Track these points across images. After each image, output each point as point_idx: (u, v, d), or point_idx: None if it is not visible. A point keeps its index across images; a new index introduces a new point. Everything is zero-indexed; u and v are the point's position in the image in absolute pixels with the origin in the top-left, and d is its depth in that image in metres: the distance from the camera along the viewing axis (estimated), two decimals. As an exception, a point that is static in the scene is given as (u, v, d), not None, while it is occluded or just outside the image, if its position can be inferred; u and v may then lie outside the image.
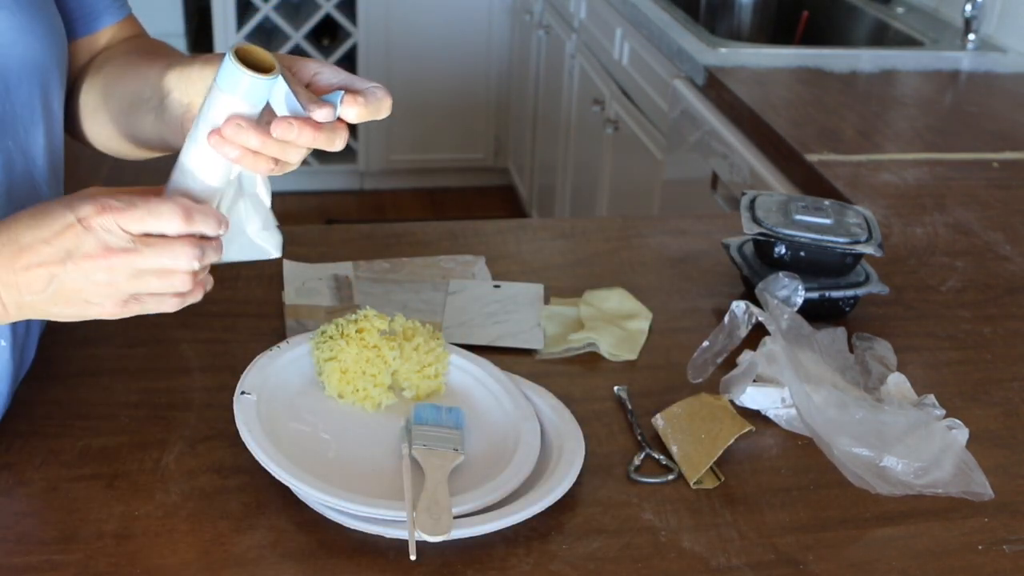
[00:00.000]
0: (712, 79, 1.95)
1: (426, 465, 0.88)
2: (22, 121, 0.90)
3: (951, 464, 0.93)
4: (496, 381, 1.00)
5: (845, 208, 1.22)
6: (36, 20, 0.90)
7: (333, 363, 0.96)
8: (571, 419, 0.97)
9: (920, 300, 1.23)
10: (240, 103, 0.76)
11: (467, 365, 1.02)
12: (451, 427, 0.93)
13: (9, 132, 0.88)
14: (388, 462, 0.90)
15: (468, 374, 1.01)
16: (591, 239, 1.35)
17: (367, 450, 0.92)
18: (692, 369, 1.03)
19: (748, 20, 2.79)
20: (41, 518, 0.83)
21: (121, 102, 0.96)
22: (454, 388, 1.01)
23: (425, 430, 0.92)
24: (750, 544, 0.86)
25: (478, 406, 0.98)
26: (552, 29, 3.23)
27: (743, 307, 1.02)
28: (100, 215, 0.75)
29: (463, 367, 1.02)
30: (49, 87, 0.93)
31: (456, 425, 0.93)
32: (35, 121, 0.91)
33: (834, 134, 1.70)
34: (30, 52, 0.89)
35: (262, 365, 0.96)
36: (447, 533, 0.81)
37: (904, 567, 0.85)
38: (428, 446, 0.90)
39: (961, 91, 2.04)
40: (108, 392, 1.00)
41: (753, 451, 0.97)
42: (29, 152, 0.91)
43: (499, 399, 0.99)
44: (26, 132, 0.91)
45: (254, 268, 1.22)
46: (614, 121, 2.61)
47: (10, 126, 0.89)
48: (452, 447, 0.90)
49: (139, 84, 0.93)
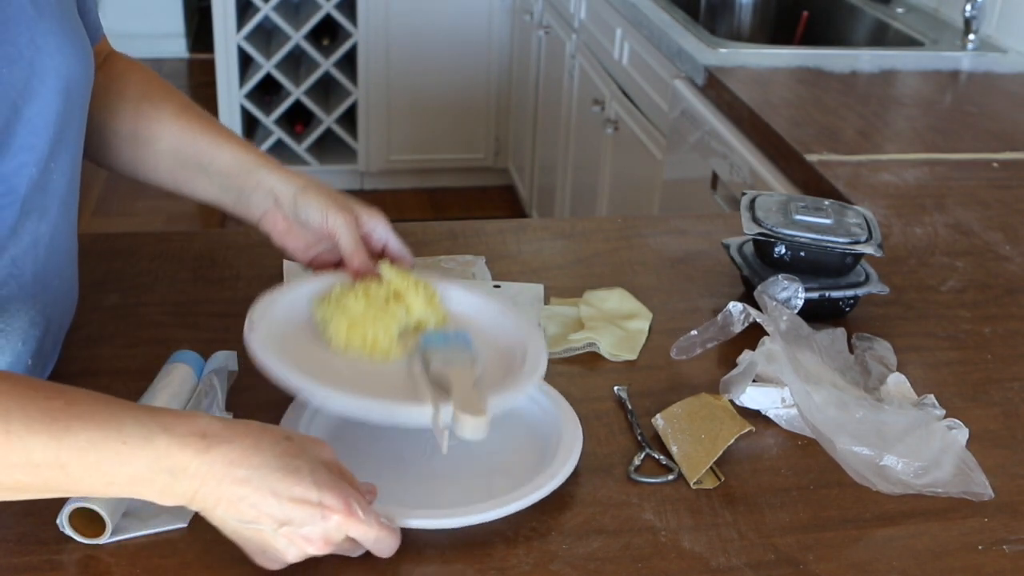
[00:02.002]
0: (712, 79, 1.95)
1: (450, 375, 0.89)
2: (66, 143, 0.92)
3: (951, 464, 0.93)
4: (494, 302, 1.05)
5: (845, 208, 1.22)
6: (75, 41, 0.92)
7: (340, 316, 0.97)
8: (570, 410, 0.97)
9: (920, 300, 1.23)
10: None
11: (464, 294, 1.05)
12: (461, 346, 0.95)
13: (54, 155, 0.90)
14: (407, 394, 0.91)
15: (465, 303, 1.04)
16: (591, 239, 1.35)
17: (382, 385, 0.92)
18: (677, 348, 1.05)
19: (748, 20, 2.79)
20: (41, 518, 0.83)
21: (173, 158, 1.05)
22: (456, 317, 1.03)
23: (438, 352, 0.93)
24: (750, 544, 0.86)
25: (483, 328, 1.01)
26: (552, 29, 3.23)
27: (740, 307, 1.02)
28: (344, 518, 0.76)
29: (460, 297, 1.04)
30: (84, 108, 0.96)
31: (466, 345, 0.95)
32: (74, 141, 0.94)
33: (834, 134, 1.70)
34: (72, 73, 0.91)
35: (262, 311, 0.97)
36: (485, 414, 0.83)
37: (904, 567, 0.85)
38: (446, 362, 0.91)
39: (961, 91, 2.04)
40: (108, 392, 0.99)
41: (753, 451, 0.97)
42: (68, 172, 0.94)
43: (502, 318, 1.02)
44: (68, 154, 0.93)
45: (254, 268, 1.22)
46: (614, 121, 2.61)
47: (56, 148, 0.90)
48: (470, 360, 0.92)
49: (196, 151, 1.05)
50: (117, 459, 0.73)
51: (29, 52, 0.85)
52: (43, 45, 0.87)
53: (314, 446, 0.80)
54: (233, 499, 0.75)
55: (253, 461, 0.75)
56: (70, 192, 0.95)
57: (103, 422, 0.73)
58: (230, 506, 0.75)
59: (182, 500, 0.75)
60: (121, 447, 0.73)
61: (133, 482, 0.74)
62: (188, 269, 1.22)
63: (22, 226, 0.88)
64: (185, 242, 1.28)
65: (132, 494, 0.76)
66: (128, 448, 0.73)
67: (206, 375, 0.98)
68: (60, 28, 0.89)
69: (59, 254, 0.95)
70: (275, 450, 0.76)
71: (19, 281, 0.89)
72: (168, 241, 1.28)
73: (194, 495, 0.75)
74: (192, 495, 0.75)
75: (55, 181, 0.91)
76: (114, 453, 0.73)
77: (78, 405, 0.74)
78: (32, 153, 0.87)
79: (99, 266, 1.20)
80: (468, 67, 3.81)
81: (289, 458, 0.76)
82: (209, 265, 1.23)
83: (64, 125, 0.90)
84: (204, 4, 4.97)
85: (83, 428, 0.73)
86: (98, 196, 3.76)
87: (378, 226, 1.06)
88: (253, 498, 0.75)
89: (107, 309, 1.13)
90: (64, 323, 1.00)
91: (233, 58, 3.75)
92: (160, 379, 0.96)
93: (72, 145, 0.93)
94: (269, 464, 0.75)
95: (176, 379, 0.96)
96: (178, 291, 1.18)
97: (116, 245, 1.26)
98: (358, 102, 3.82)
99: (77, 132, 0.94)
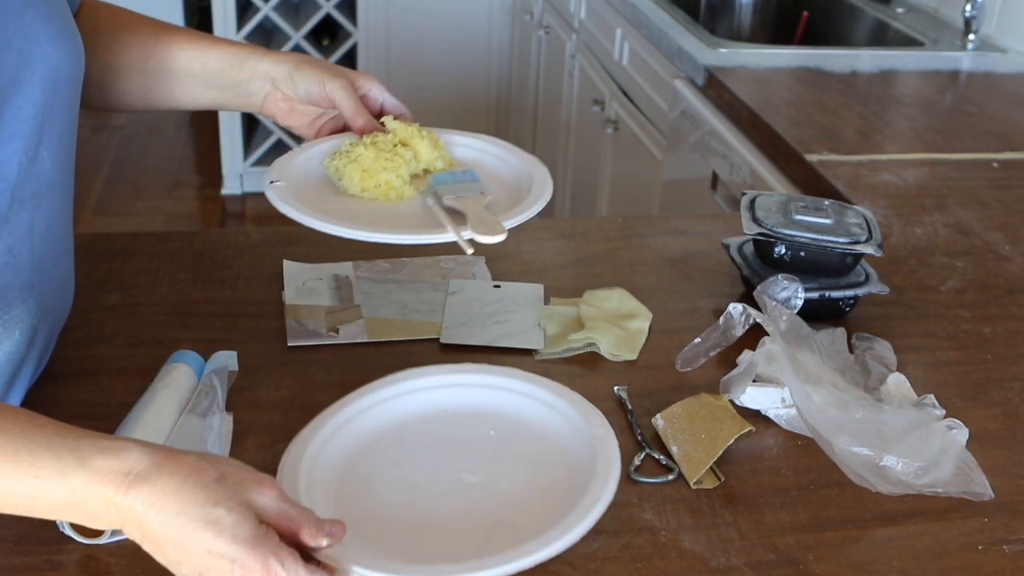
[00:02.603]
0: (712, 79, 1.95)
1: (463, 205, 0.99)
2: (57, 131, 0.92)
3: (951, 464, 0.93)
4: (497, 146, 1.14)
5: (845, 208, 1.22)
6: (65, 29, 0.93)
7: (353, 164, 1.04)
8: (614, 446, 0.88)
9: (920, 300, 1.23)
10: None
11: (467, 139, 1.16)
12: (470, 182, 1.04)
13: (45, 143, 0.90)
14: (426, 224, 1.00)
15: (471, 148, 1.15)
16: (591, 239, 1.35)
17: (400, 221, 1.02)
18: (681, 359, 1.04)
19: (748, 20, 2.79)
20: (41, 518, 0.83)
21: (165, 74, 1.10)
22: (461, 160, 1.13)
23: (448, 187, 1.03)
24: (750, 544, 0.86)
25: (488, 168, 1.10)
26: (552, 29, 3.23)
27: (740, 308, 1.02)
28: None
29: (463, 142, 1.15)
30: (75, 96, 0.96)
31: (473, 180, 1.04)
32: (67, 129, 0.94)
33: (834, 134, 1.69)
34: (62, 61, 0.91)
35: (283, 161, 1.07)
36: (503, 232, 0.94)
37: (904, 567, 0.85)
38: (457, 195, 1.01)
39: (961, 91, 2.04)
40: (108, 392, 1.00)
41: (753, 451, 0.97)
42: (61, 161, 0.94)
43: (505, 159, 1.12)
44: (59, 143, 0.93)
45: (254, 268, 1.22)
46: (614, 121, 2.61)
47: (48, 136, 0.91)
48: (479, 192, 1.02)
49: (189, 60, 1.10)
50: (30, 492, 0.71)
51: (18, 41, 0.86)
52: (31, 33, 0.87)
53: (251, 488, 0.72)
54: (156, 540, 0.71)
55: (173, 507, 0.70)
56: (63, 181, 0.95)
57: (15, 453, 0.70)
58: (154, 546, 0.71)
59: (112, 527, 0.72)
60: (34, 481, 0.70)
61: (52, 511, 0.72)
62: (188, 269, 1.22)
63: (16, 214, 0.88)
64: (185, 242, 1.28)
65: (59, 519, 0.74)
66: (40, 482, 0.70)
67: (206, 375, 0.98)
68: (49, 17, 0.90)
69: (55, 244, 0.95)
70: (198, 496, 0.70)
71: (15, 269, 0.89)
72: (168, 241, 1.28)
73: (122, 525, 0.72)
74: (120, 525, 0.71)
75: (47, 170, 0.91)
76: (26, 487, 0.71)
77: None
78: (22, 141, 0.87)
79: (99, 266, 1.20)
80: (468, 67, 3.81)
81: (211, 506, 0.70)
82: (209, 265, 1.23)
83: (54, 113, 0.91)
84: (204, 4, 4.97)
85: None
86: (98, 196, 3.76)
87: (373, 87, 1.12)
88: (172, 543, 0.70)
89: (107, 309, 1.13)
90: (61, 315, 1.01)
91: (233, 58, 3.74)
92: (160, 379, 0.96)
93: (64, 133, 0.94)
94: (188, 512, 0.70)
95: (176, 379, 0.96)
96: (178, 291, 1.18)
97: (116, 245, 1.26)
98: (358, 102, 3.81)
99: (68, 121, 0.95)
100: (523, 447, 0.91)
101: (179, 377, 0.96)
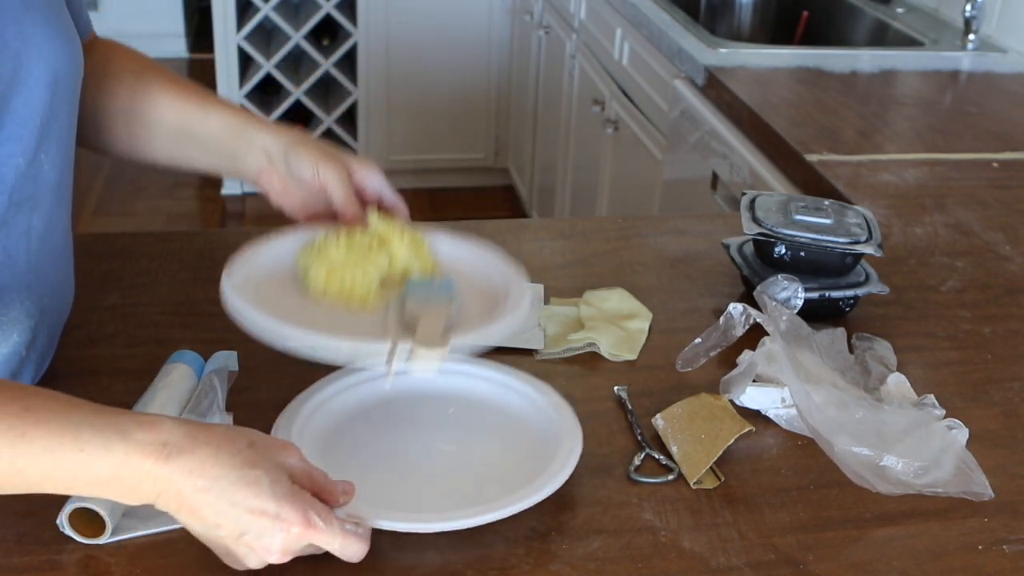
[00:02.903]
0: (712, 79, 1.95)
1: (421, 315, 0.89)
2: (55, 134, 0.92)
3: (951, 464, 0.93)
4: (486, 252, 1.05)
5: (845, 208, 1.22)
6: (63, 34, 0.93)
7: (320, 261, 0.97)
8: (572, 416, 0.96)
9: (920, 300, 1.23)
10: None
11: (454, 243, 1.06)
12: (443, 291, 0.96)
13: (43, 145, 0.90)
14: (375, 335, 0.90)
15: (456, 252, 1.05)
16: (591, 239, 1.35)
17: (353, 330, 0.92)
18: (682, 360, 1.04)
19: (748, 20, 2.79)
20: (41, 518, 0.83)
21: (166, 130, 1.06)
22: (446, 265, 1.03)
23: (417, 296, 0.94)
24: (750, 544, 0.86)
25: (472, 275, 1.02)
26: (552, 29, 3.23)
27: (740, 308, 1.02)
28: (303, 530, 0.75)
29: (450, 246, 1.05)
30: (74, 100, 0.96)
31: (447, 290, 0.96)
32: (65, 133, 0.94)
33: (834, 134, 1.69)
34: (60, 65, 0.91)
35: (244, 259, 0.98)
36: (445, 346, 0.83)
37: (904, 567, 0.85)
38: (421, 304, 0.92)
39: (961, 91, 2.04)
40: (108, 392, 1.00)
41: (753, 451, 0.97)
42: (59, 164, 0.93)
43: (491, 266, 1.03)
44: (57, 146, 0.93)
45: (254, 268, 1.22)
46: (614, 121, 2.61)
47: (45, 139, 0.90)
48: (445, 302, 0.93)
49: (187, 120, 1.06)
50: (75, 466, 0.73)
51: (16, 43, 0.86)
52: (30, 36, 0.87)
53: (279, 452, 0.78)
54: (194, 507, 0.74)
55: (212, 472, 0.74)
56: (62, 184, 0.95)
57: (59, 429, 0.73)
58: (191, 513, 0.75)
59: (147, 501, 0.75)
60: (79, 455, 0.73)
61: (92, 486, 0.75)
62: (188, 269, 1.22)
63: (13, 217, 0.88)
64: (185, 242, 1.28)
65: (95, 495, 0.76)
66: (86, 456, 0.73)
67: (206, 375, 0.98)
68: (48, 19, 0.90)
69: (53, 246, 0.95)
70: (234, 460, 0.75)
71: (12, 271, 0.89)
72: (168, 241, 1.28)
73: (157, 498, 0.75)
74: (155, 498, 0.75)
75: (45, 172, 0.91)
76: (71, 461, 0.73)
77: (36, 411, 0.73)
78: (19, 144, 0.87)
79: (99, 266, 1.20)
80: (468, 67, 3.81)
81: (248, 468, 0.75)
82: (209, 265, 1.23)
83: (52, 116, 0.90)
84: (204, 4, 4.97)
85: (39, 435, 0.72)
86: (98, 196, 3.76)
87: (370, 175, 1.06)
88: (212, 508, 0.74)
89: (107, 309, 1.13)
90: (61, 317, 1.01)
91: (233, 58, 3.75)
92: (160, 379, 0.96)
93: (62, 137, 0.93)
94: (227, 476, 0.74)
95: (176, 379, 0.96)
96: (178, 291, 1.18)
97: (116, 245, 1.26)
98: (358, 102, 3.82)
99: (67, 124, 0.94)
100: (486, 421, 0.97)
101: (179, 377, 0.96)
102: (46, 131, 0.90)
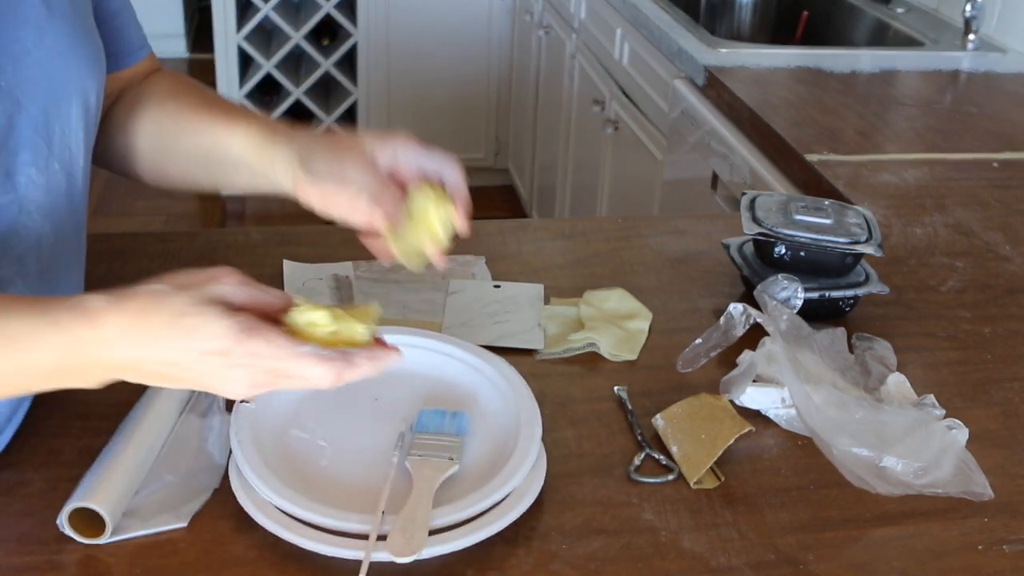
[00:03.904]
0: (712, 79, 1.95)
1: (416, 476, 0.86)
2: (69, 144, 0.91)
3: (951, 464, 0.93)
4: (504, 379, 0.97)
5: (845, 208, 1.22)
6: (86, 45, 0.92)
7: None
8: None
9: (920, 300, 1.23)
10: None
11: (476, 361, 1.00)
12: (453, 434, 0.91)
13: (57, 154, 0.90)
14: (381, 471, 0.88)
15: (477, 371, 0.99)
16: (591, 239, 1.35)
17: (362, 457, 0.90)
18: (682, 360, 1.04)
19: (748, 20, 2.79)
20: (41, 518, 0.83)
21: (195, 155, 1.00)
22: (462, 386, 0.98)
23: (424, 438, 0.91)
24: (750, 544, 0.86)
25: (483, 405, 0.96)
26: (552, 29, 3.23)
27: (740, 308, 1.02)
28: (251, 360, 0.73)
29: (474, 364, 0.99)
30: (91, 111, 0.94)
31: (458, 431, 0.92)
32: (79, 143, 0.93)
33: (834, 134, 1.70)
34: (79, 75, 0.91)
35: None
36: (417, 553, 0.79)
37: (904, 567, 0.85)
38: (423, 456, 0.89)
39: (961, 91, 2.04)
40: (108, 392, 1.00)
41: (753, 451, 0.97)
42: (73, 173, 0.93)
43: (504, 399, 0.96)
44: (71, 155, 0.92)
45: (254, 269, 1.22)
46: (614, 121, 2.61)
47: (60, 147, 0.90)
48: (448, 456, 0.88)
49: (213, 141, 0.98)
50: (16, 369, 0.74)
51: (38, 52, 0.86)
52: (52, 45, 0.87)
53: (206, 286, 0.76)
54: (150, 371, 0.74)
55: (150, 334, 0.73)
56: (76, 194, 0.94)
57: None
58: (153, 376, 0.75)
59: (105, 380, 0.76)
60: (16, 355, 0.73)
61: (48, 382, 0.75)
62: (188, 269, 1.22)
63: (24, 225, 0.88)
64: (185, 242, 1.28)
65: (54, 387, 0.76)
66: (23, 355, 0.73)
67: None
68: (71, 29, 0.89)
69: (66, 255, 0.94)
70: (162, 316, 0.73)
71: (25, 280, 0.89)
72: (168, 241, 1.28)
73: (115, 372, 0.75)
74: (113, 373, 0.75)
75: (58, 181, 0.90)
76: (11, 364, 0.73)
77: None
78: (32, 151, 0.87)
79: (99, 266, 1.20)
80: (468, 67, 3.81)
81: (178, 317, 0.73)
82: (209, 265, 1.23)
83: (68, 125, 0.90)
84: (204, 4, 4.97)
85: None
86: (98, 196, 3.76)
87: (400, 150, 0.96)
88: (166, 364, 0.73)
89: (107, 309, 1.13)
90: None
91: (233, 58, 3.75)
92: None
93: (77, 145, 0.93)
94: (163, 335, 0.73)
95: None
96: (178, 291, 1.17)
97: (116, 245, 1.26)
98: (358, 102, 3.82)
99: (84, 134, 0.94)
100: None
101: None
102: (62, 139, 0.90)
